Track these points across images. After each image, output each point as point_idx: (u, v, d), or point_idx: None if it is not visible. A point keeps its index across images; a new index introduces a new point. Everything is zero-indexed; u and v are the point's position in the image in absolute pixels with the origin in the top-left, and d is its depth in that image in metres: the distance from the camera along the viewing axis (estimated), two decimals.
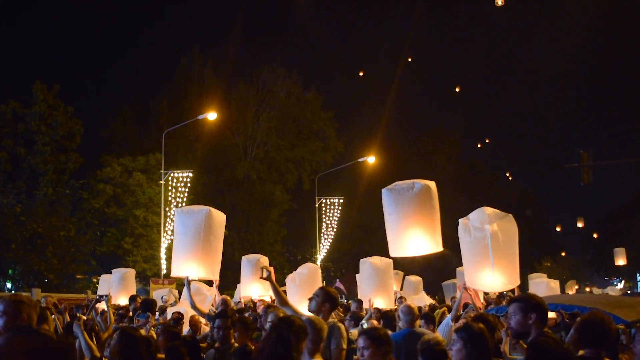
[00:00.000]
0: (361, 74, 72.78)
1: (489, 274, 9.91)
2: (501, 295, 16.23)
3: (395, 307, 13.97)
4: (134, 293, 17.63)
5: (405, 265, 30.66)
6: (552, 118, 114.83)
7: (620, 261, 36.01)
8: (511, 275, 10.11)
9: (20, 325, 5.44)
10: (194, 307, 11.20)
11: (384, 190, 9.22)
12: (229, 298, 13.02)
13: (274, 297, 14.57)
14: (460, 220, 10.24)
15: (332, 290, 7.76)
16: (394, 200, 9.15)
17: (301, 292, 12.93)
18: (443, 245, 10.17)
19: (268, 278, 8.33)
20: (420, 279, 21.13)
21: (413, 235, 8.72)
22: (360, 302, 14.86)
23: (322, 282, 16.25)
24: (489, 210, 10.23)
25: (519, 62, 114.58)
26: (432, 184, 9.46)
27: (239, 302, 17.37)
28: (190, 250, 11.63)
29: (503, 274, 9.95)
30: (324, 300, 7.49)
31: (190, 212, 11.91)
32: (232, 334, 8.04)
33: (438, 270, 47.40)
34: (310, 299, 7.60)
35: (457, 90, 79.14)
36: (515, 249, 10.18)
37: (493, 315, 9.02)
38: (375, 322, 11.41)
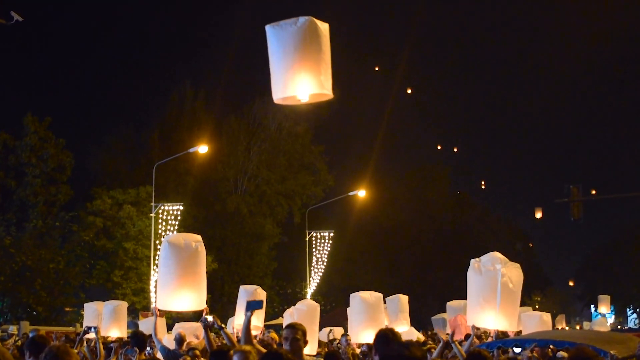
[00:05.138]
0: None
1: (493, 312, 10.18)
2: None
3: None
4: (125, 326, 17.58)
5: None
6: (543, 152, 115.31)
7: (603, 308, 35.74)
8: (512, 318, 10.44)
9: None
10: (155, 336, 11.22)
11: (267, 27, 8.26)
12: (183, 333, 13.02)
13: (262, 328, 14.63)
14: (472, 261, 10.68)
15: (300, 325, 7.76)
16: (277, 37, 8.14)
17: None
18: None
19: (251, 311, 8.22)
20: (407, 297, 20.29)
21: (297, 73, 7.79)
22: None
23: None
24: (500, 255, 10.66)
25: (510, 97, 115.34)
26: (324, 24, 8.51)
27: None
28: (179, 281, 11.52)
29: (506, 315, 10.27)
30: (300, 338, 7.51)
31: (173, 242, 11.75)
32: None
33: (428, 305, 47.39)
34: (285, 340, 7.54)
35: (408, 91, 78.70)
36: (518, 297, 10.61)
37: (485, 350, 9.06)
38: None
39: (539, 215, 40.56)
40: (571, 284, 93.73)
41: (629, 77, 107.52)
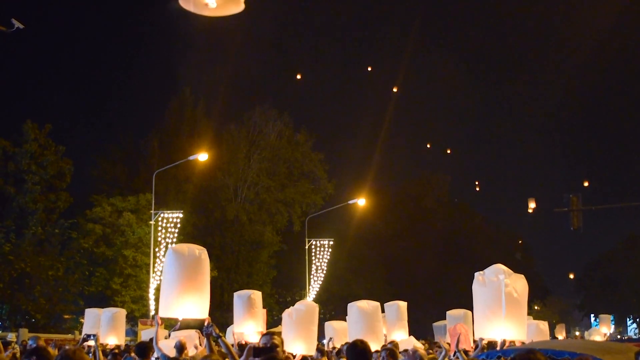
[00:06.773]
0: (299, 76, 72.80)
1: (500, 322, 10.25)
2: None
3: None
4: (124, 334, 17.56)
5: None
6: (543, 161, 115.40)
7: (604, 328, 35.57)
8: (520, 327, 10.54)
9: None
10: (156, 344, 11.20)
11: None
12: (184, 340, 12.92)
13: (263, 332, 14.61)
14: (476, 274, 10.77)
15: (279, 333, 7.84)
16: None
17: (297, 328, 12.91)
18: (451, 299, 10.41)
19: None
20: (405, 304, 20.13)
21: None
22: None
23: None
24: (503, 267, 10.71)
25: (509, 106, 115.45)
26: None
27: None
28: (182, 289, 11.43)
29: (513, 324, 10.38)
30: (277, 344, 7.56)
31: (177, 250, 11.64)
32: None
33: (428, 314, 47.30)
34: (264, 345, 7.56)
35: (394, 90, 78.20)
36: (524, 306, 10.72)
37: None
38: None
39: (532, 205, 40.20)
40: (571, 276, 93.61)
41: (627, 81, 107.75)
